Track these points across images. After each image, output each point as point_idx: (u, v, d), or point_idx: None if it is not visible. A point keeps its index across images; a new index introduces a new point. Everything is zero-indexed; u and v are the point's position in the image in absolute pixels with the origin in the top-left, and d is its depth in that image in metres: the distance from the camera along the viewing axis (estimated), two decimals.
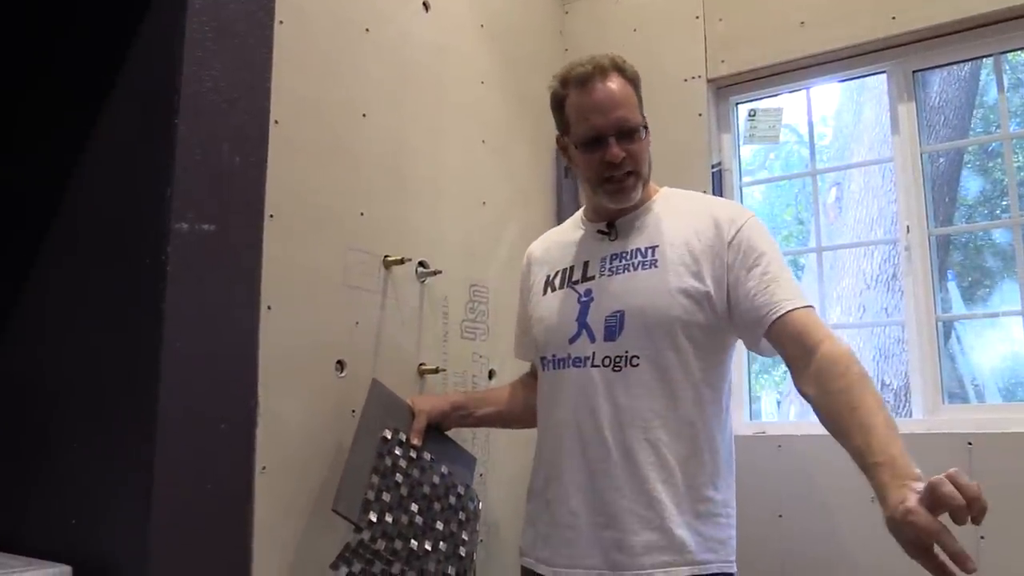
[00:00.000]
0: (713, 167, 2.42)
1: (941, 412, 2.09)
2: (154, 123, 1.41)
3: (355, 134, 1.84)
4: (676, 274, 1.50)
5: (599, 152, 1.55)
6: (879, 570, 1.93)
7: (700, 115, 2.44)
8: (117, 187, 1.46)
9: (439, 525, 1.65)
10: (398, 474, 1.61)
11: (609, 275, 1.56)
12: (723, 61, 2.45)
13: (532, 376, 1.81)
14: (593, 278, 1.59)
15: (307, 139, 1.72)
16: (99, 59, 1.52)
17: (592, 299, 1.56)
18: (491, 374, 2.16)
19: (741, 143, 2.53)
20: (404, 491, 1.60)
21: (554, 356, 1.61)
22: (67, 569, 1.32)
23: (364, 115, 1.87)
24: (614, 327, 1.52)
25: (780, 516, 2.14)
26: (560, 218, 2.43)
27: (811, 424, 1.48)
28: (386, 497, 1.57)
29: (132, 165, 1.44)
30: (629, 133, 1.55)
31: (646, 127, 1.58)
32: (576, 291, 1.60)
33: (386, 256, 1.86)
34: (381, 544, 1.53)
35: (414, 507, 1.61)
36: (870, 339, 4.49)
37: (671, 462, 1.46)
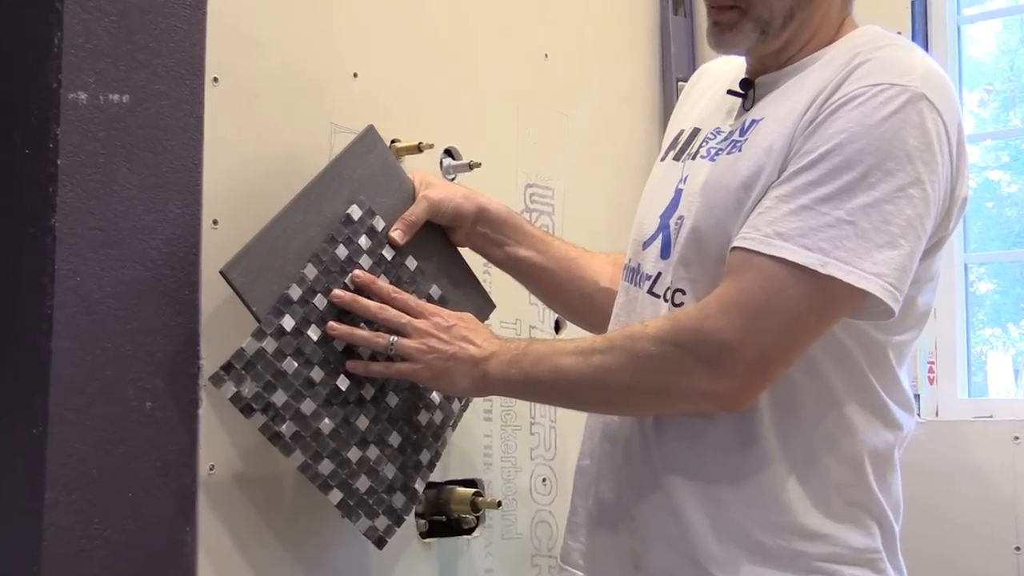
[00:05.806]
0: None
1: None
2: None
3: None
4: (750, 169, 1.46)
5: None
6: None
7: None
8: None
9: None
10: (351, 277, 1.60)
11: (706, 158, 1.54)
12: None
13: None
14: (695, 156, 1.57)
15: None
16: None
17: (683, 189, 1.55)
18: (558, 325, 2.17)
19: None
20: None
21: (628, 262, 1.63)
22: None
23: None
24: (670, 241, 1.53)
25: (1018, 549, 2.14)
26: (665, 79, 2.40)
27: None
28: (319, 303, 1.56)
29: None
30: None
31: None
32: (681, 169, 1.59)
33: (394, 141, 1.86)
34: (291, 366, 1.52)
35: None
36: None
37: (713, 469, 1.47)
